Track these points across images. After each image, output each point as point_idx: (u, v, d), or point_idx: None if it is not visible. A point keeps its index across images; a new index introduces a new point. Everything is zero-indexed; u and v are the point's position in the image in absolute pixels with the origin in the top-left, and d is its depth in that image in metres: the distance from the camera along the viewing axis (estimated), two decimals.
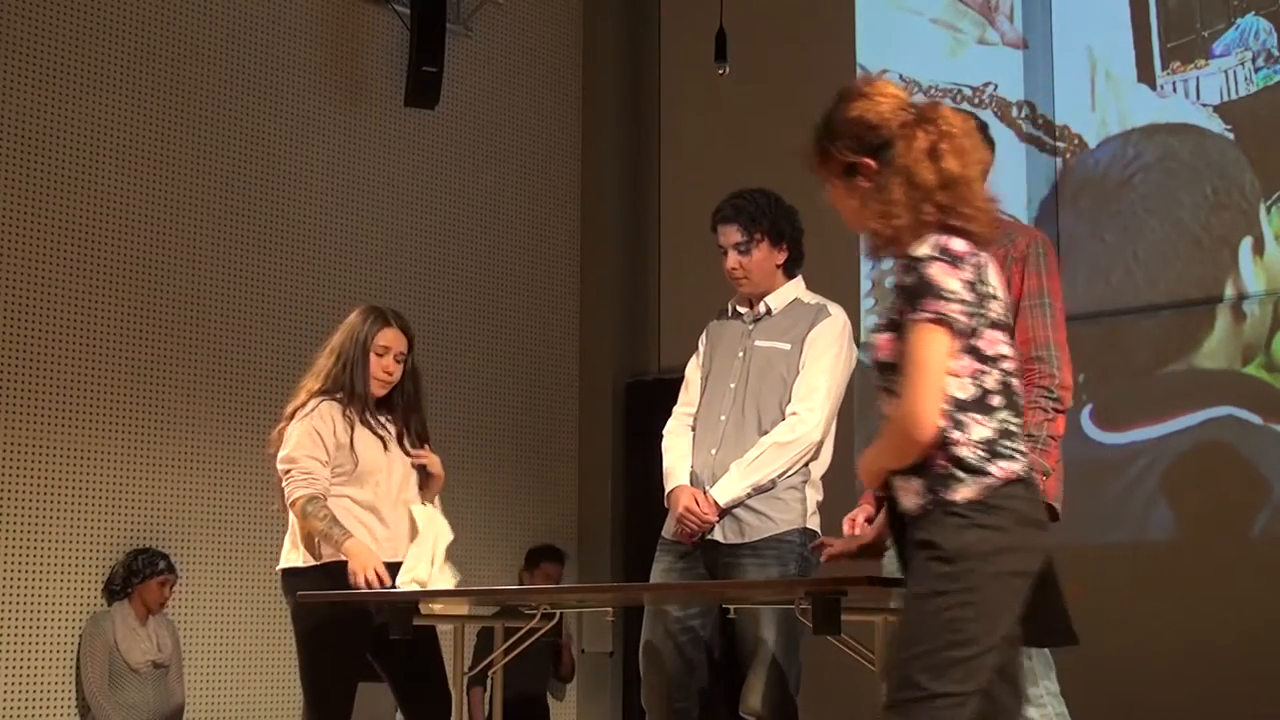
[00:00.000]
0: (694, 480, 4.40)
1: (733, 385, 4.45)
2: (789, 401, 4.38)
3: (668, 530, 4.45)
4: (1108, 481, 6.73)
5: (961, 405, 2.86)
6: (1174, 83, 6.93)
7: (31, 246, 6.69)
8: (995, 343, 2.89)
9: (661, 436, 4.59)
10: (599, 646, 8.26)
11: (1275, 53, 6.67)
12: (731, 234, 4.50)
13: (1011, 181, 7.27)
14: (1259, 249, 6.62)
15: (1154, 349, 6.82)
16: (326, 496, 4.55)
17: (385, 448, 4.67)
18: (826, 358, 4.41)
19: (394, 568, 4.52)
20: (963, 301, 2.83)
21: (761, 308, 4.52)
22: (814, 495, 4.42)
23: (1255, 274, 6.62)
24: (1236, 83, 6.75)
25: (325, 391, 4.67)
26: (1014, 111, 7.37)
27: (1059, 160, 7.20)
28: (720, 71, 7.39)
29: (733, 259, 4.49)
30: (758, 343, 4.47)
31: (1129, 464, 6.76)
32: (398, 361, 4.71)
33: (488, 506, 7.84)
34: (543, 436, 8.43)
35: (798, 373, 4.40)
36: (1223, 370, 6.65)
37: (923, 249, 2.85)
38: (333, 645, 4.52)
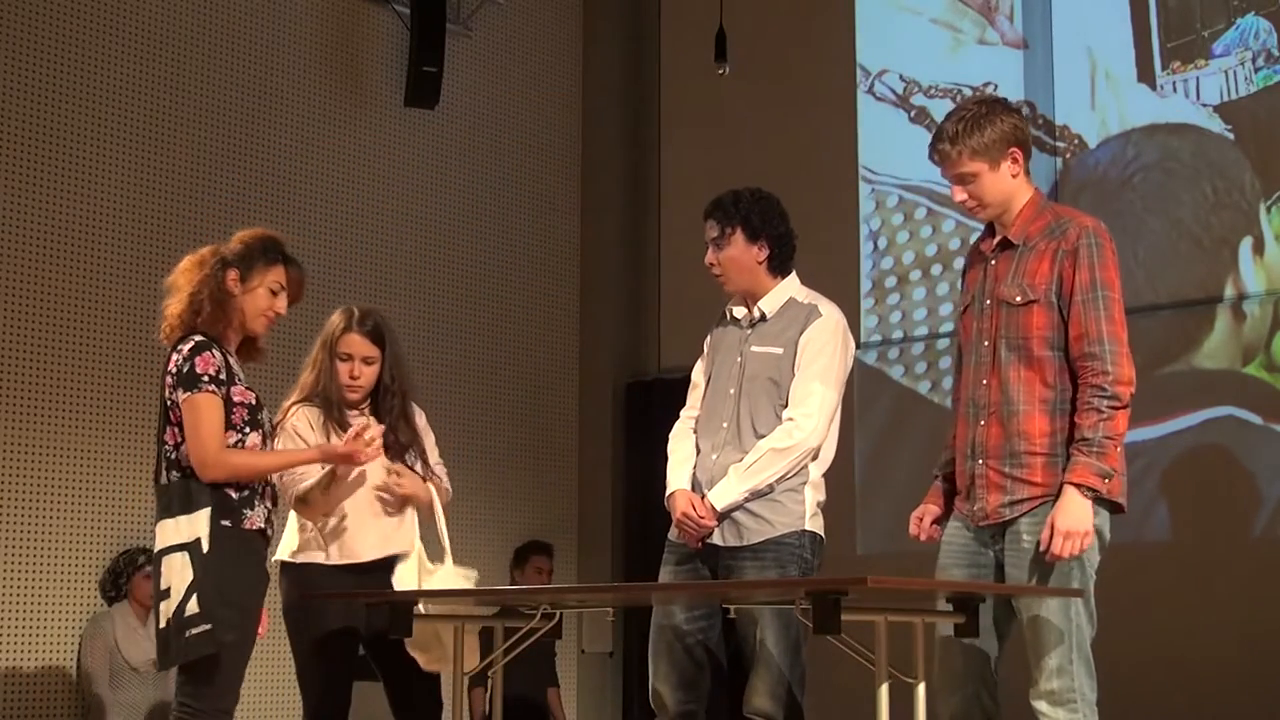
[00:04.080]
0: (695, 484, 4.43)
1: (732, 391, 4.47)
2: (784, 405, 4.40)
3: (672, 533, 4.49)
4: None
5: None
6: (1174, 83, 6.93)
7: (31, 246, 6.69)
8: None
9: (665, 438, 4.62)
10: (599, 646, 8.26)
11: (1275, 53, 6.67)
12: (709, 229, 4.54)
13: None
14: (1259, 249, 6.62)
15: (1154, 349, 6.81)
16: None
17: None
18: (820, 361, 4.41)
19: (359, 568, 4.54)
20: None
21: (756, 312, 4.53)
22: (815, 496, 4.43)
23: (1255, 274, 6.62)
24: (1236, 83, 6.75)
25: (305, 401, 4.64)
26: None
27: (1059, 160, 7.20)
28: (720, 71, 7.39)
29: (710, 254, 4.53)
30: (753, 348, 4.48)
31: (1129, 464, 6.73)
32: (367, 364, 4.62)
33: (487, 506, 7.84)
34: (543, 436, 8.43)
35: (792, 376, 4.41)
36: (1223, 370, 6.65)
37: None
38: (318, 637, 4.53)
